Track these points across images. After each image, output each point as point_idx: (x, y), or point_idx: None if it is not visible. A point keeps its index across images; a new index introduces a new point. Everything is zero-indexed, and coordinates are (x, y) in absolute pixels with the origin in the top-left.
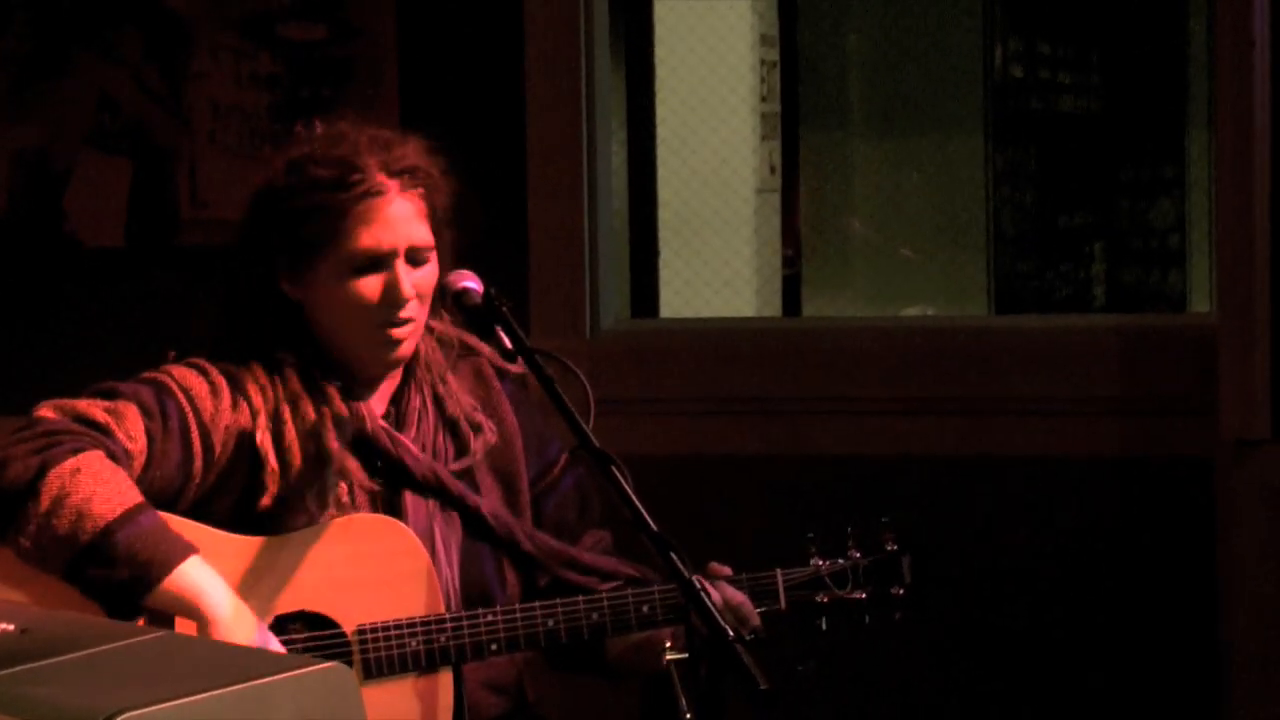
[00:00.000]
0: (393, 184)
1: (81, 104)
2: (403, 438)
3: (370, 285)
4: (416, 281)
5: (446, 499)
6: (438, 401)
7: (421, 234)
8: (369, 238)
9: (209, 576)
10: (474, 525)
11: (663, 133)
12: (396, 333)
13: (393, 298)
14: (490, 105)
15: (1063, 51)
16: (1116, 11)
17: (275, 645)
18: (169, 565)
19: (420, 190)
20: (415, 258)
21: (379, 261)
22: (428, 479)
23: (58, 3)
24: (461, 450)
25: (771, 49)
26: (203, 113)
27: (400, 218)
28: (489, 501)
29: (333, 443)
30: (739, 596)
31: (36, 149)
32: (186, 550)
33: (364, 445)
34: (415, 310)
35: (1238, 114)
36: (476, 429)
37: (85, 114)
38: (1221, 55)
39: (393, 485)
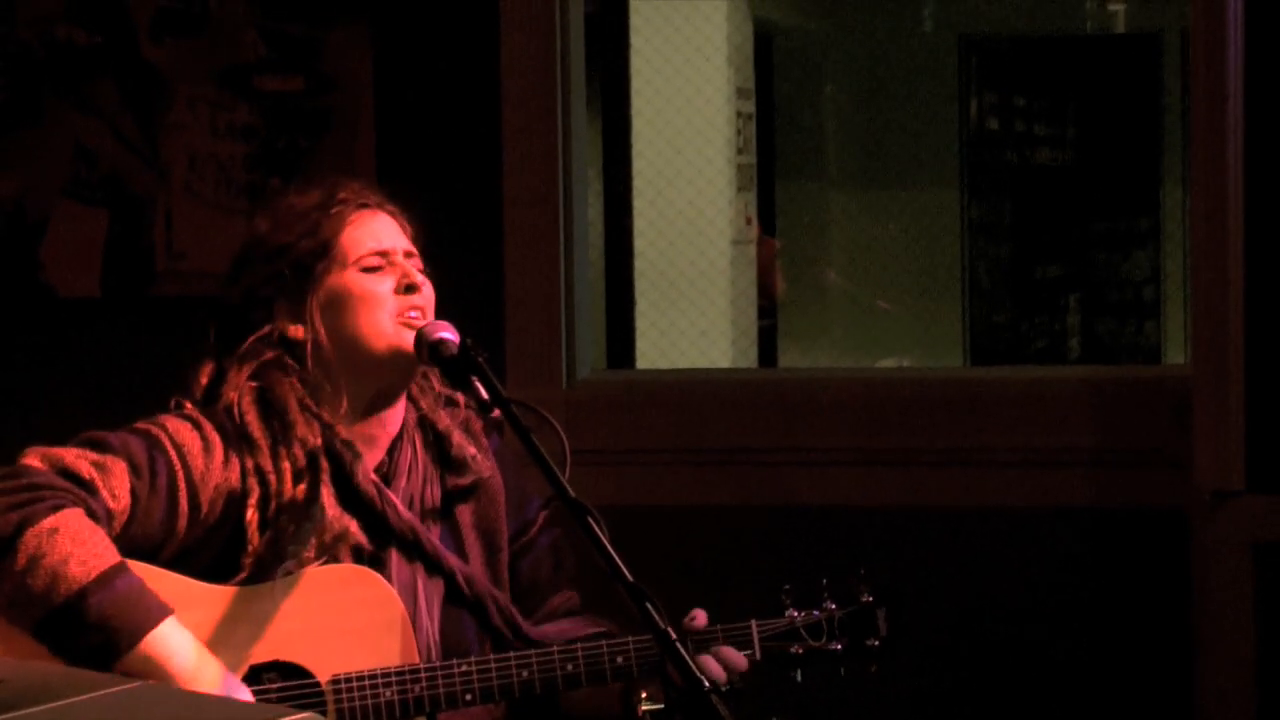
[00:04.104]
0: (372, 200)
1: (57, 154)
2: (390, 493)
3: (382, 280)
4: (422, 284)
5: (423, 558)
6: (437, 440)
7: (409, 245)
8: (370, 238)
9: (178, 642)
10: (450, 587)
11: (639, 184)
12: (416, 323)
13: (406, 284)
14: (467, 156)
15: (1038, 104)
16: (1091, 64)
17: (245, 697)
18: (140, 633)
19: (394, 210)
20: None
21: (383, 258)
22: (405, 535)
23: (33, 53)
24: (451, 498)
25: (748, 101)
26: (179, 163)
27: (389, 227)
28: (472, 565)
29: (329, 501)
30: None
31: (12, 199)
32: (160, 614)
33: (353, 497)
34: (428, 308)
35: (1212, 167)
36: (473, 459)
37: (61, 164)
38: (1196, 108)
39: (379, 540)
